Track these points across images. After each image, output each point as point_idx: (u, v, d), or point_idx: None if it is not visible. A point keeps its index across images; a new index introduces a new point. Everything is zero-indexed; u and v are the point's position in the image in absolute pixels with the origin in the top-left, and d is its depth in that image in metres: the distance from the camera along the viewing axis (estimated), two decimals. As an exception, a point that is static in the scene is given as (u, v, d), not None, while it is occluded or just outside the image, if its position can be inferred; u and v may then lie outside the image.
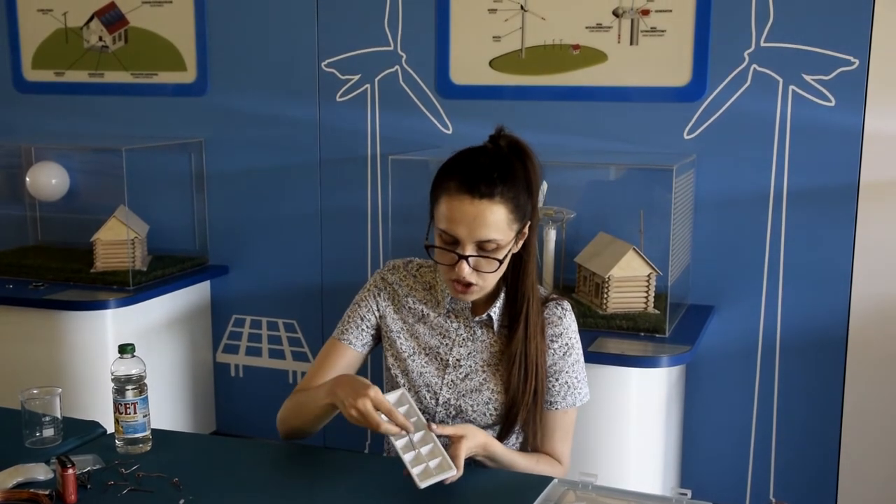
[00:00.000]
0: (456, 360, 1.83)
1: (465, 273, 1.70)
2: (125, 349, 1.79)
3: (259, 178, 3.52)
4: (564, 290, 3.02)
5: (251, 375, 3.67)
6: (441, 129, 3.25)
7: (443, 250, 1.72)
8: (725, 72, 2.92)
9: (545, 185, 2.72)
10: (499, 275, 1.75)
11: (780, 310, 2.97)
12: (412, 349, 1.85)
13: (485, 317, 1.82)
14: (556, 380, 1.82)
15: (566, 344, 1.83)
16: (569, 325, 1.84)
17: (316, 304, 3.52)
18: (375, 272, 1.94)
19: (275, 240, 3.55)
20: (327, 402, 1.70)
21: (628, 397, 2.65)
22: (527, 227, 1.76)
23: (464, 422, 1.81)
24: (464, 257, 1.69)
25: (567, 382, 1.83)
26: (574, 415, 1.86)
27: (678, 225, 2.81)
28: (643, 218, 2.92)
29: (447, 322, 1.85)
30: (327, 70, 3.38)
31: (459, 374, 1.82)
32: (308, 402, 1.78)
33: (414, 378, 1.84)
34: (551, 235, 2.94)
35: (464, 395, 1.81)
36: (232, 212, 3.59)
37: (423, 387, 1.83)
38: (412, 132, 3.28)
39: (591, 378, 1.90)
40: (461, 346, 1.83)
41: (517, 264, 1.79)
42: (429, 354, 1.84)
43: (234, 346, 3.68)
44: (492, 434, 1.80)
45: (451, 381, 1.82)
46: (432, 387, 1.83)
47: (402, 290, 1.88)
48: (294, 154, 3.46)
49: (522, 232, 1.75)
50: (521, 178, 1.71)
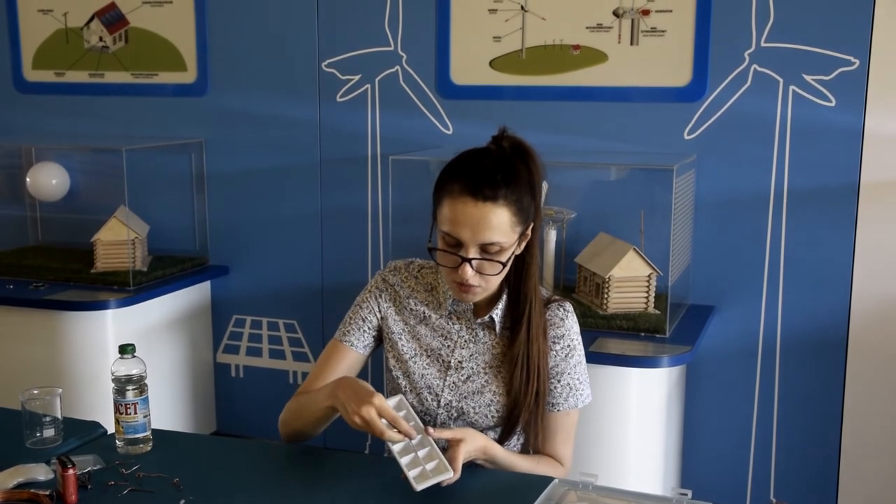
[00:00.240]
0: (458, 361, 1.82)
1: (469, 276, 1.69)
2: (125, 349, 1.79)
3: (259, 178, 3.52)
4: (565, 290, 3.02)
5: (251, 376, 3.67)
6: (441, 129, 3.25)
7: (446, 253, 1.71)
8: (726, 72, 2.92)
9: (546, 186, 2.71)
10: (501, 277, 1.74)
11: (780, 310, 2.97)
12: (414, 351, 1.85)
13: (487, 319, 1.81)
14: (558, 381, 1.82)
15: (568, 345, 1.82)
16: (571, 327, 1.84)
17: (316, 304, 3.52)
18: (376, 273, 1.93)
19: (275, 240, 3.55)
20: (328, 404, 1.69)
21: (629, 397, 2.65)
22: (529, 229, 1.75)
23: (465, 424, 1.80)
24: (467, 260, 1.68)
25: (569, 384, 1.82)
26: (576, 416, 1.85)
27: (678, 225, 2.81)
28: (643, 218, 2.92)
29: (449, 324, 1.84)
30: (327, 70, 3.38)
31: (461, 376, 1.82)
32: (309, 404, 1.78)
33: (415, 380, 1.83)
34: (552, 236, 2.94)
35: (465, 397, 1.81)
36: (232, 212, 3.59)
37: (424, 389, 1.83)
38: (412, 132, 3.28)
39: (592, 378, 1.90)
40: (463, 348, 1.83)
41: (519, 266, 1.78)
42: (430, 356, 1.84)
43: (234, 346, 3.68)
44: (493, 436, 1.80)
45: (453, 383, 1.82)
46: (434, 389, 1.82)
47: (403, 292, 1.88)
48: (294, 154, 3.46)
49: (525, 233, 1.74)
50: (525, 180, 1.70)
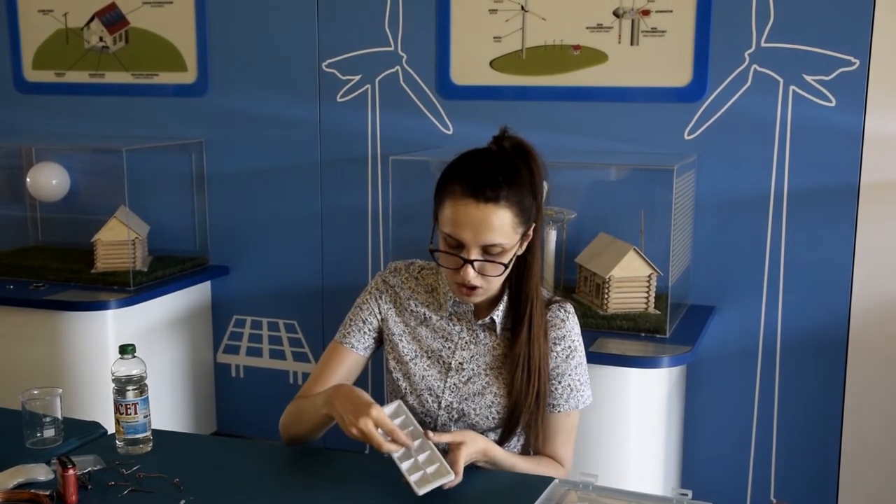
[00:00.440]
0: (458, 363, 1.82)
1: (471, 277, 1.69)
2: (126, 350, 1.79)
3: (259, 178, 3.52)
4: (565, 290, 3.02)
5: (252, 376, 3.67)
6: (441, 129, 3.25)
7: (447, 254, 1.71)
8: (726, 72, 2.92)
9: (547, 186, 2.71)
10: (503, 277, 1.74)
11: (780, 310, 2.97)
12: (414, 352, 1.85)
13: (487, 320, 1.81)
14: (559, 382, 1.81)
15: (569, 346, 1.82)
16: (572, 328, 1.83)
17: (316, 304, 3.52)
18: (377, 274, 1.93)
19: (275, 240, 3.55)
20: (325, 412, 1.69)
21: (629, 398, 2.65)
22: (531, 229, 1.74)
23: (466, 425, 1.80)
24: (469, 261, 1.68)
25: (570, 385, 1.82)
26: (576, 417, 1.85)
27: (679, 225, 2.81)
28: (644, 218, 2.92)
29: (450, 325, 1.84)
30: (328, 70, 3.38)
31: (462, 377, 1.81)
32: (307, 410, 1.77)
33: (416, 381, 1.83)
34: (552, 236, 2.94)
35: (466, 398, 1.80)
36: (232, 212, 3.59)
37: (425, 390, 1.82)
38: (413, 132, 3.28)
39: (592, 378, 1.90)
40: (464, 350, 1.83)
41: (521, 266, 1.78)
42: (431, 358, 1.84)
43: (234, 346, 3.68)
44: (493, 437, 1.80)
45: (454, 385, 1.81)
46: (434, 390, 1.82)
47: (403, 293, 1.87)
48: (294, 154, 3.46)
49: (527, 234, 1.74)
50: (526, 181, 1.70)
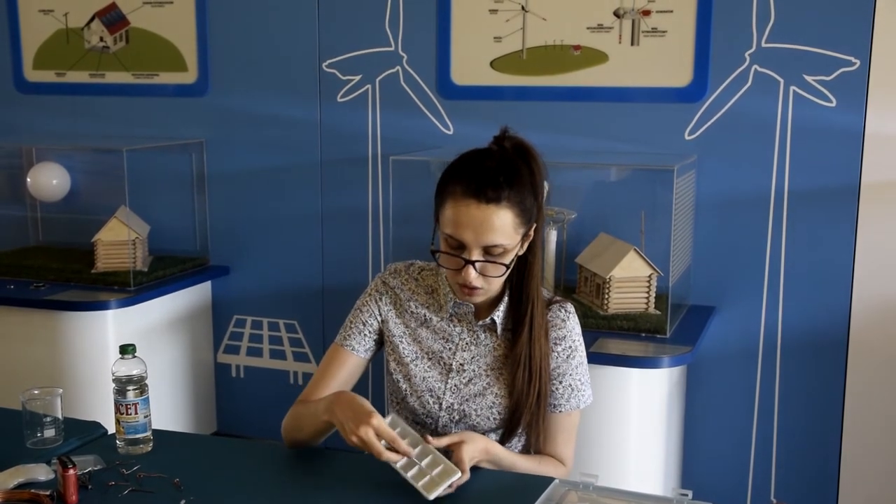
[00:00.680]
0: (459, 364, 1.82)
1: (472, 278, 1.69)
2: (126, 350, 1.79)
3: (260, 178, 3.52)
4: (565, 290, 3.02)
5: (252, 376, 3.67)
6: (442, 129, 3.25)
7: (449, 255, 1.70)
8: (726, 72, 2.92)
9: (547, 186, 2.71)
10: (504, 278, 1.74)
11: (780, 310, 2.97)
12: (415, 354, 1.84)
13: (488, 321, 1.81)
14: (560, 382, 1.81)
15: (570, 346, 1.82)
16: (572, 328, 1.83)
17: (317, 304, 3.52)
18: (376, 276, 1.93)
19: (276, 240, 3.55)
20: (325, 419, 1.69)
21: (629, 398, 2.65)
22: (532, 230, 1.74)
23: (467, 426, 1.80)
24: (470, 262, 1.68)
25: (571, 385, 1.82)
26: (577, 417, 1.85)
27: (679, 225, 2.81)
28: (644, 218, 2.92)
29: (450, 326, 1.84)
30: (328, 70, 3.38)
31: (463, 378, 1.81)
32: (308, 416, 1.77)
33: (417, 383, 1.83)
34: (552, 236, 2.94)
35: (467, 399, 1.80)
36: (233, 212, 3.59)
37: (426, 392, 1.82)
38: (413, 133, 3.28)
39: (592, 379, 1.90)
40: (464, 351, 1.83)
41: (521, 266, 1.78)
42: (432, 359, 1.83)
43: (234, 346, 3.68)
44: (494, 438, 1.80)
45: (455, 386, 1.81)
46: (435, 392, 1.82)
47: (403, 295, 1.87)
48: (295, 154, 3.46)
49: (528, 234, 1.74)
50: (527, 180, 1.70)
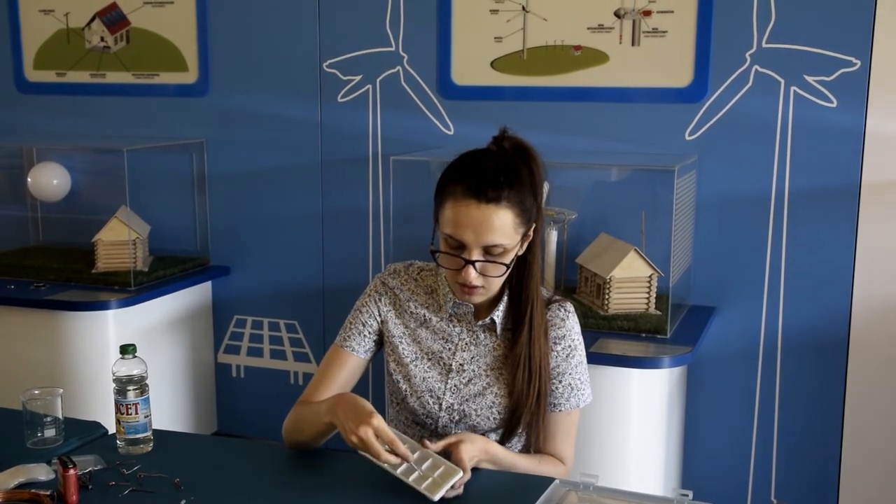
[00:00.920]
0: (459, 364, 1.82)
1: (472, 278, 1.69)
2: (126, 349, 1.79)
3: (260, 178, 3.52)
4: (566, 290, 3.02)
5: (252, 376, 3.67)
6: (442, 129, 3.25)
7: (449, 255, 1.71)
8: (727, 73, 2.92)
9: (547, 186, 2.72)
10: (504, 278, 1.74)
11: (781, 311, 2.97)
12: (414, 354, 1.84)
13: (488, 320, 1.81)
14: (560, 382, 1.81)
15: (569, 346, 1.82)
16: (572, 327, 1.84)
17: (317, 304, 3.52)
18: (375, 276, 1.92)
19: (276, 240, 3.55)
20: (327, 420, 1.69)
21: (629, 398, 2.65)
22: (531, 230, 1.75)
23: (467, 426, 1.80)
24: (470, 262, 1.68)
25: (570, 384, 1.82)
26: (577, 416, 1.85)
27: (679, 226, 2.80)
28: (644, 219, 2.92)
29: (450, 326, 1.84)
30: (329, 71, 3.38)
31: (463, 378, 1.81)
32: (310, 418, 1.76)
33: (417, 383, 1.83)
34: (553, 236, 2.94)
35: (467, 399, 1.80)
36: (233, 212, 3.59)
37: (426, 392, 1.82)
38: (413, 133, 3.28)
39: (593, 379, 1.90)
40: (464, 351, 1.83)
41: (521, 266, 1.78)
42: (431, 359, 1.83)
43: (235, 346, 3.68)
44: (494, 438, 1.80)
45: (455, 386, 1.81)
46: (435, 392, 1.82)
47: (403, 295, 1.87)
48: (295, 154, 3.46)
49: (527, 234, 1.74)
50: (527, 180, 1.70)
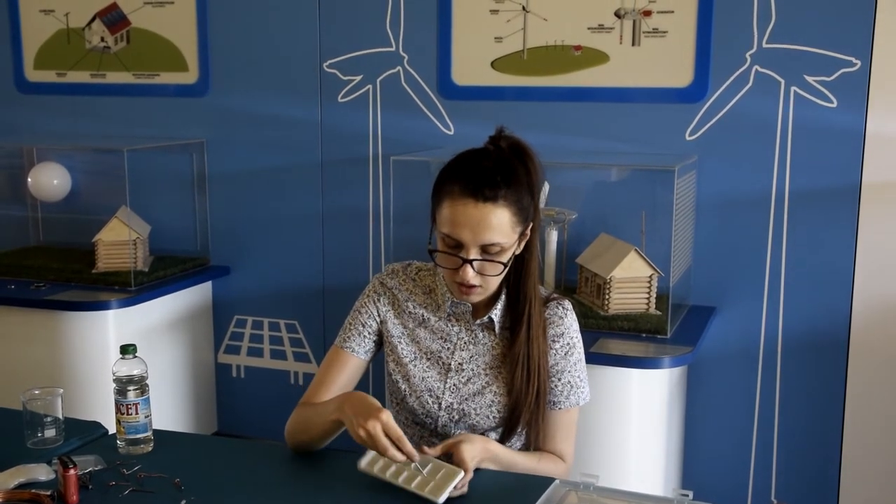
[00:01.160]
0: (458, 363, 1.82)
1: (470, 277, 1.69)
2: (127, 350, 1.79)
3: (261, 178, 3.52)
4: (566, 290, 3.02)
5: (253, 376, 3.67)
6: (443, 129, 3.25)
7: (446, 254, 1.71)
8: (727, 73, 2.92)
9: (547, 186, 2.72)
10: (502, 277, 1.74)
11: (781, 311, 2.97)
12: (413, 354, 1.85)
13: (486, 319, 1.81)
14: (559, 380, 1.82)
15: (568, 343, 1.83)
16: (570, 325, 1.84)
17: (317, 304, 3.52)
18: (374, 277, 1.93)
19: (276, 240, 3.55)
20: (335, 418, 1.68)
21: (629, 398, 2.65)
22: (529, 229, 1.75)
23: (467, 426, 1.81)
24: (468, 261, 1.68)
25: (569, 382, 1.82)
26: (576, 414, 1.86)
27: (680, 226, 2.80)
28: (645, 219, 2.92)
29: (448, 326, 1.84)
30: (329, 71, 3.38)
31: (462, 377, 1.82)
32: (315, 417, 1.76)
33: (416, 383, 1.83)
34: (553, 236, 2.94)
35: (466, 398, 1.81)
36: (233, 212, 3.59)
37: (425, 392, 1.82)
38: (414, 133, 3.28)
39: (593, 379, 1.90)
40: (463, 350, 1.83)
41: (519, 265, 1.78)
42: (430, 359, 1.84)
43: (235, 346, 3.68)
44: (494, 437, 1.81)
45: (454, 386, 1.81)
46: (435, 391, 1.82)
47: (401, 295, 1.87)
48: (295, 155, 3.46)
49: (525, 233, 1.75)
50: (524, 180, 1.71)
